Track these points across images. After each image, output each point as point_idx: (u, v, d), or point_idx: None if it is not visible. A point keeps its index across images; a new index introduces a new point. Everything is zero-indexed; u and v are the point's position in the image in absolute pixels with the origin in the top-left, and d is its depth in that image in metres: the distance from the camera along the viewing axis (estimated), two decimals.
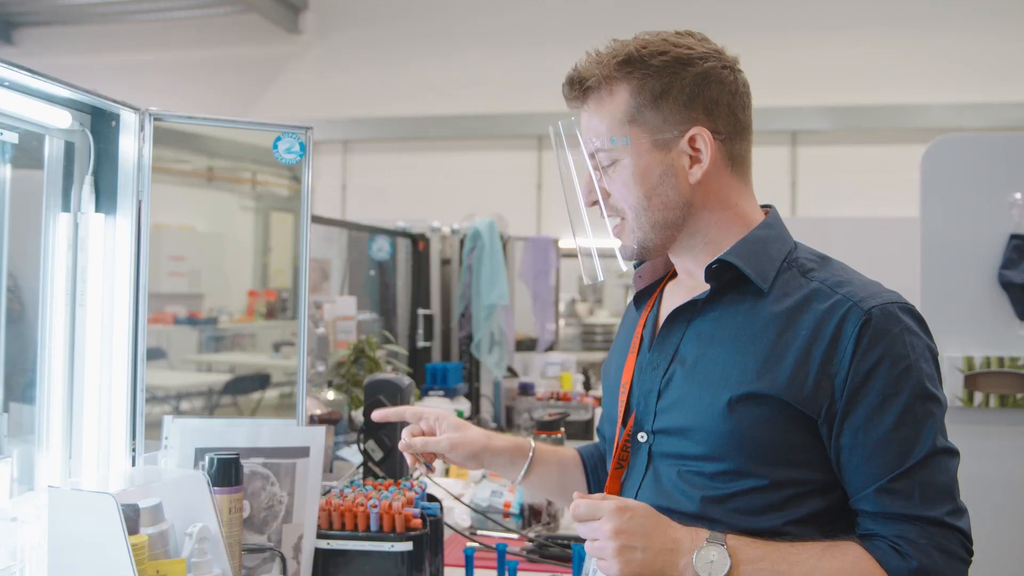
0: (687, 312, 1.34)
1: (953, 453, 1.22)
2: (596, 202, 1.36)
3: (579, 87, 1.34)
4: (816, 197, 8.23)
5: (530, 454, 1.55)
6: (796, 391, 1.20)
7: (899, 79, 8.05)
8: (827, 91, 8.19)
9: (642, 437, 1.35)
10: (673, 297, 1.42)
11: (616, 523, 1.18)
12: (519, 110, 8.70)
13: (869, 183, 7.96)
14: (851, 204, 7.73)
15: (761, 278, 1.28)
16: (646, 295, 1.49)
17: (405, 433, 1.54)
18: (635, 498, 1.33)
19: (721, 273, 1.30)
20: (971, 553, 1.20)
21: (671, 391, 1.32)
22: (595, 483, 1.59)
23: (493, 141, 9.12)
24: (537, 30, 8.70)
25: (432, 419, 1.54)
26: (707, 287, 1.32)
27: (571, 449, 1.66)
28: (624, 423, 1.38)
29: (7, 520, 1.31)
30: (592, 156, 1.35)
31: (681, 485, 1.28)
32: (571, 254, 5.57)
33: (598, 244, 1.39)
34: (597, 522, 1.20)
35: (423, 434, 1.54)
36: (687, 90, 1.29)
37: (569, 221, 1.41)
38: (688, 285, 1.39)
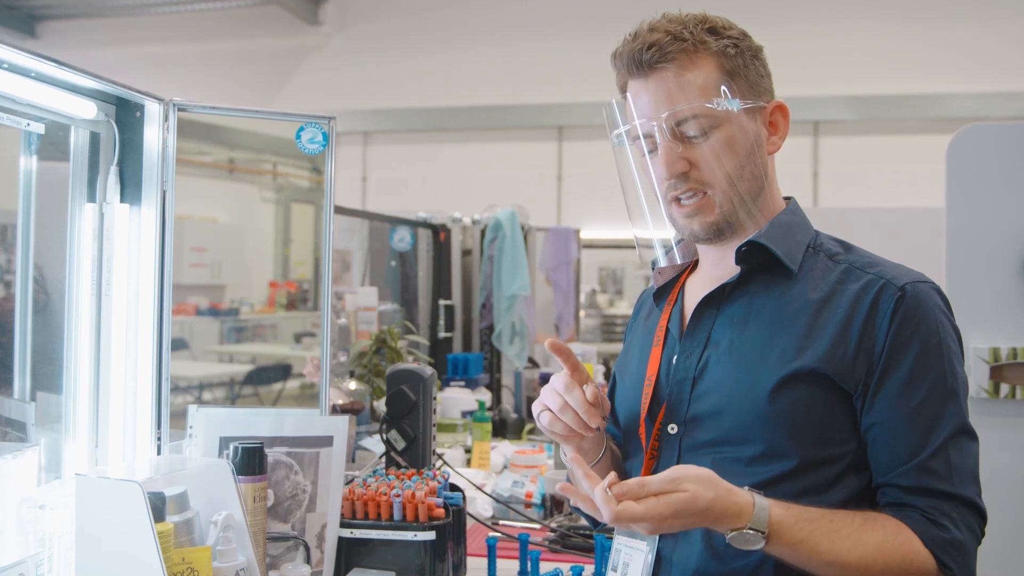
0: (716, 299, 1.34)
1: (975, 435, 1.25)
2: (682, 174, 1.28)
3: (663, 48, 1.27)
4: (838, 187, 8.16)
5: (603, 446, 1.42)
6: (837, 364, 1.22)
7: (922, 68, 7.96)
8: (849, 81, 8.11)
9: (672, 429, 1.33)
10: (696, 290, 1.41)
11: (657, 526, 1.14)
12: (539, 101, 8.67)
13: (892, 173, 7.89)
14: (874, 194, 7.66)
15: (790, 260, 1.30)
16: (666, 290, 1.48)
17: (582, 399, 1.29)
18: None
19: (751, 256, 1.30)
20: (983, 534, 1.23)
21: (706, 377, 1.31)
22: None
23: (513, 132, 9.10)
24: (557, 21, 8.67)
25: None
26: (732, 276, 1.32)
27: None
28: (653, 417, 1.37)
29: (35, 508, 1.32)
30: (679, 124, 1.28)
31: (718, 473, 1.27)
32: (591, 245, 5.56)
33: (659, 235, 1.39)
34: (636, 523, 1.14)
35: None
36: (761, 62, 1.33)
37: (627, 207, 1.36)
38: (714, 275, 1.38)
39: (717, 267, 1.38)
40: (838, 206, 7.24)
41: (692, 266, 1.48)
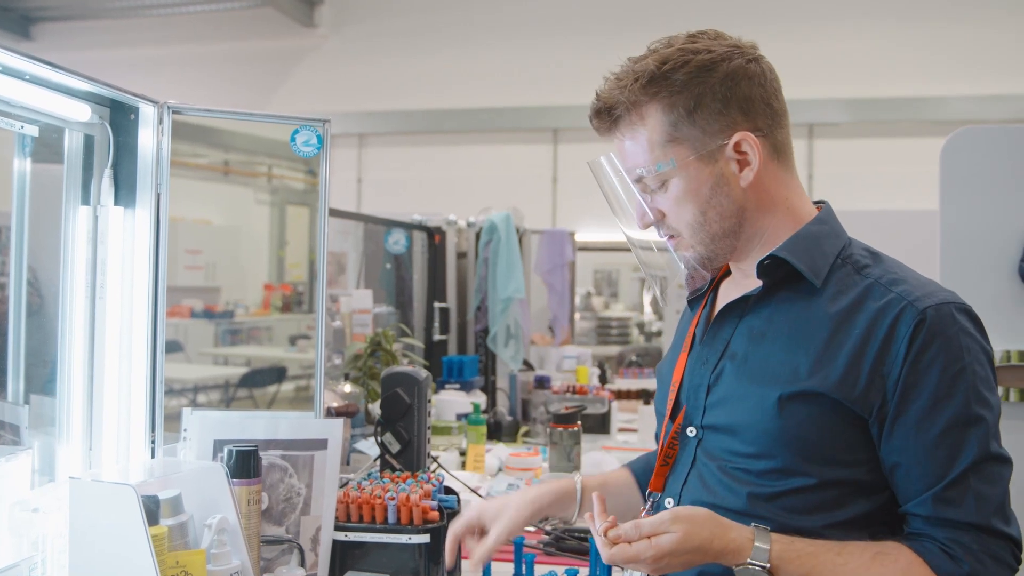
0: (739, 308, 1.34)
1: (1005, 460, 1.20)
2: (651, 224, 1.35)
3: (608, 116, 1.31)
4: (833, 190, 8.16)
5: (577, 495, 1.50)
6: (848, 389, 1.19)
7: (917, 71, 7.99)
8: (844, 83, 8.13)
9: (691, 432, 1.35)
10: (727, 295, 1.41)
11: (654, 567, 1.17)
12: (535, 103, 8.68)
13: (887, 176, 7.91)
14: (869, 197, 7.68)
15: (814, 274, 1.27)
16: (699, 295, 1.48)
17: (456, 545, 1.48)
18: (679, 494, 1.33)
19: (773, 269, 1.28)
20: (1020, 561, 1.19)
21: (720, 387, 1.31)
22: None
23: (509, 134, 9.11)
24: (553, 23, 8.68)
25: (476, 519, 1.48)
26: (756, 288, 1.31)
27: (620, 470, 1.62)
28: (673, 418, 1.38)
29: (29, 511, 1.32)
30: (638, 180, 1.32)
31: (726, 480, 1.27)
32: (587, 247, 5.56)
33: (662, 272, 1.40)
34: (632, 565, 1.19)
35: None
36: (719, 96, 1.26)
37: (636, 257, 1.42)
38: (743, 284, 1.37)
39: (746, 276, 1.37)
40: (834, 209, 7.25)
41: (725, 270, 1.46)
